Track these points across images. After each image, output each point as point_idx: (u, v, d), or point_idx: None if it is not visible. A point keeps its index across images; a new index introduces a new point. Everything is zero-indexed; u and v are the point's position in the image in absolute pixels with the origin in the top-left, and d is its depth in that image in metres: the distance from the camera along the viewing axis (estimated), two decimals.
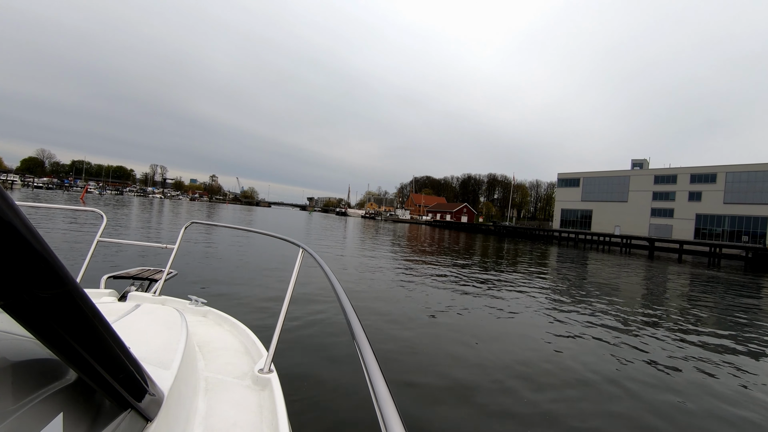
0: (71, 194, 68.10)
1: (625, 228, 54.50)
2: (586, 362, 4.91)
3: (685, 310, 9.09)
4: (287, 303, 1.75)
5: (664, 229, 51.45)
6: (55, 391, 0.62)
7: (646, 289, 12.24)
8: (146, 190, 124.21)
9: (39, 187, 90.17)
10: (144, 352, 1.06)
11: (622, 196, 56.70)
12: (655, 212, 53.09)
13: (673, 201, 51.35)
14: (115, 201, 49.39)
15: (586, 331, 6.36)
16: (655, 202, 53.21)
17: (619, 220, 56.08)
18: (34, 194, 54.01)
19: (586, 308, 8.26)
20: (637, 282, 13.98)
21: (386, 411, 0.57)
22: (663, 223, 51.96)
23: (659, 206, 52.73)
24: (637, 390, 4.21)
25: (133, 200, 63.21)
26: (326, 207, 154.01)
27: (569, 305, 8.43)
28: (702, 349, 5.94)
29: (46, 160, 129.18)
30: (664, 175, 52.66)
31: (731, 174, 46.42)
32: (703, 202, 48.58)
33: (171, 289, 2.84)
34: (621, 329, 6.70)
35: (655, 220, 52.87)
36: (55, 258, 0.48)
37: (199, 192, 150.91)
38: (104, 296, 2.33)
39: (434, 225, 77.82)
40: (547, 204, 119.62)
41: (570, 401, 3.82)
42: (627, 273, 16.84)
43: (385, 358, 4.41)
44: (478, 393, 3.80)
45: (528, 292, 9.75)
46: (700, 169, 49.54)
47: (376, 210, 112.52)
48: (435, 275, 11.31)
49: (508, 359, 4.79)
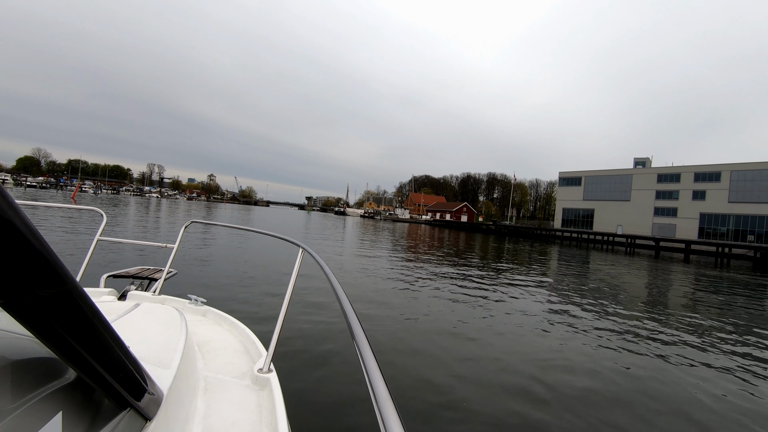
0: (66, 193, 67.19)
1: (628, 227, 53.90)
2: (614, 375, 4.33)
3: (714, 315, 8.38)
4: (287, 303, 1.73)
5: (668, 228, 50.84)
6: (54, 389, 0.62)
7: (667, 294, 11.52)
8: (143, 190, 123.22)
9: (32, 186, 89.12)
10: (143, 351, 1.06)
11: (624, 195, 56.06)
12: (658, 211, 52.46)
13: (677, 200, 50.70)
14: (109, 200, 48.50)
15: (609, 341, 5.66)
16: (658, 201, 52.57)
17: (622, 220, 55.47)
18: (26, 193, 53.07)
19: (603, 313, 7.63)
20: (652, 284, 13.28)
21: (386, 411, 0.57)
22: (666, 223, 51.34)
23: (662, 205, 52.09)
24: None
25: (130, 199, 62.49)
26: (325, 206, 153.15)
27: (584, 310, 7.78)
28: (741, 359, 5.25)
29: (42, 159, 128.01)
30: (668, 174, 51.98)
31: (736, 173, 45.74)
32: (708, 201, 47.91)
33: (171, 288, 2.84)
34: (648, 338, 6.01)
35: (658, 219, 52.25)
36: (54, 257, 0.48)
37: (197, 191, 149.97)
38: (104, 295, 2.29)
39: (434, 224, 77.14)
40: (547, 203, 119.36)
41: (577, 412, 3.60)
42: (637, 274, 16.15)
43: (386, 361, 4.38)
44: (478, 399, 3.70)
45: (537, 294, 9.31)
46: (705, 167, 48.86)
47: (375, 209, 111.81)
48: (438, 276, 10.97)
49: (524, 373, 4.42)
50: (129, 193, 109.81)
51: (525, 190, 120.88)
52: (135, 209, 33.19)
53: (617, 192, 56.86)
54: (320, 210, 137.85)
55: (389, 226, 53.90)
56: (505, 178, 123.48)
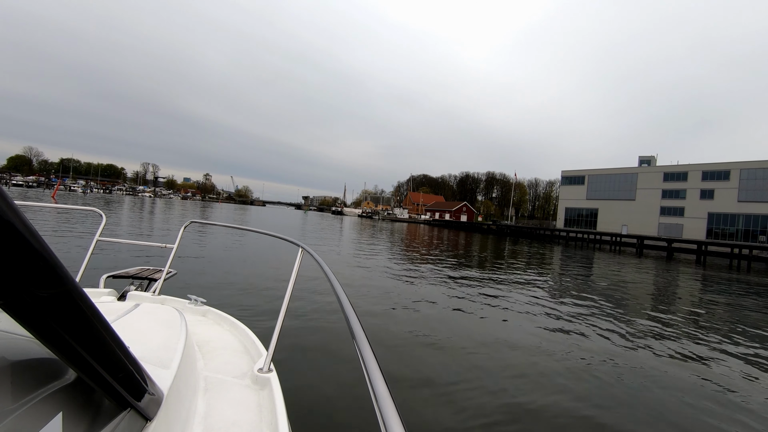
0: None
1: (633, 227, 52.69)
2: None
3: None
4: (287, 302, 1.72)
5: (674, 228, 49.65)
6: (54, 390, 0.62)
7: (698, 303, 10.09)
8: (136, 189, 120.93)
9: (18, 185, 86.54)
10: (143, 351, 1.06)
11: (629, 194, 54.82)
12: (664, 211, 51.21)
13: (684, 199, 49.46)
14: (99, 200, 46.64)
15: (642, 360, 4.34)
16: (664, 201, 51.31)
17: (627, 219, 54.25)
18: (10, 193, 51.11)
19: (628, 323, 6.68)
20: (673, 290, 11.86)
21: (386, 411, 0.57)
22: (673, 222, 50.11)
23: (669, 204, 50.82)
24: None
25: (123, 199, 60.88)
26: (322, 206, 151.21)
27: (608, 320, 6.64)
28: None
29: (33, 158, 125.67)
30: (674, 173, 50.70)
31: (746, 171, 44.46)
32: (716, 201, 46.59)
33: (170, 288, 2.84)
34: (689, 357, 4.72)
35: (664, 219, 51.04)
36: (54, 257, 0.48)
37: (192, 191, 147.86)
38: (103, 296, 2.28)
39: (433, 224, 75.69)
40: (546, 203, 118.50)
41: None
42: (655, 278, 14.76)
43: (391, 367, 4.22)
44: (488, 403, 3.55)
45: (548, 300, 8.76)
46: (713, 165, 47.58)
47: (372, 209, 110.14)
48: (443, 278, 10.56)
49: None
50: (121, 193, 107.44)
51: (524, 190, 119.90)
52: (128, 210, 31.73)
53: (622, 191, 55.61)
54: (317, 209, 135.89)
55: (388, 226, 52.66)
56: (504, 177, 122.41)
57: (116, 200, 52.16)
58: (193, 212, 38.23)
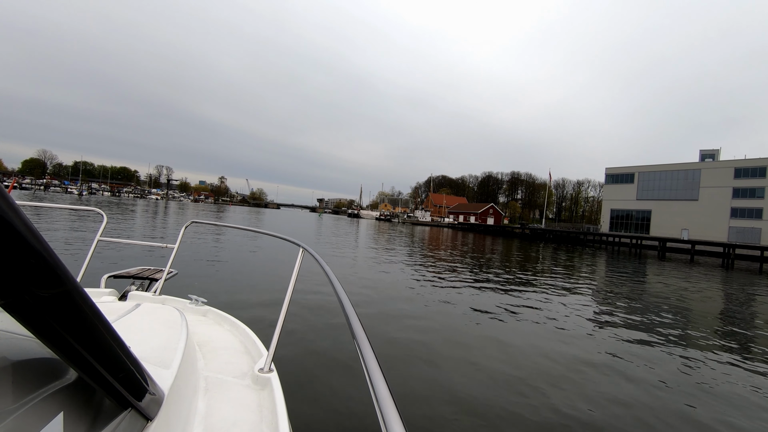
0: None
1: (696, 231, 45.56)
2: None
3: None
4: (287, 302, 1.71)
5: (750, 233, 42.32)
6: (55, 390, 0.62)
7: None
8: (145, 191, 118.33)
9: (25, 188, 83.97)
10: (144, 351, 1.06)
11: (690, 193, 47.61)
12: (736, 213, 43.90)
13: (762, 199, 42.07)
14: (92, 203, 42.26)
15: None
16: (736, 201, 43.99)
17: (687, 223, 47.10)
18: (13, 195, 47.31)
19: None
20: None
21: (386, 411, 0.57)
22: (748, 226, 42.78)
23: (742, 205, 43.47)
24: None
25: (127, 202, 56.60)
26: (337, 208, 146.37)
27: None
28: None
29: (47, 161, 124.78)
30: (749, 168, 43.29)
31: None
32: None
33: (171, 288, 2.78)
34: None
35: (736, 222, 43.72)
36: (55, 257, 0.48)
37: (204, 193, 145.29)
38: (104, 295, 2.27)
39: (458, 228, 69.56)
40: (574, 204, 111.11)
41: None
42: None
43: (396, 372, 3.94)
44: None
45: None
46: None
47: (391, 211, 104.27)
48: (491, 293, 8.96)
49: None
50: (130, 195, 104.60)
51: (550, 191, 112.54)
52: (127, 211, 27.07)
53: (681, 190, 48.43)
54: (332, 212, 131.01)
55: (409, 230, 47.18)
56: (530, 177, 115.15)
57: (116, 203, 48.07)
58: (199, 216, 33.92)
